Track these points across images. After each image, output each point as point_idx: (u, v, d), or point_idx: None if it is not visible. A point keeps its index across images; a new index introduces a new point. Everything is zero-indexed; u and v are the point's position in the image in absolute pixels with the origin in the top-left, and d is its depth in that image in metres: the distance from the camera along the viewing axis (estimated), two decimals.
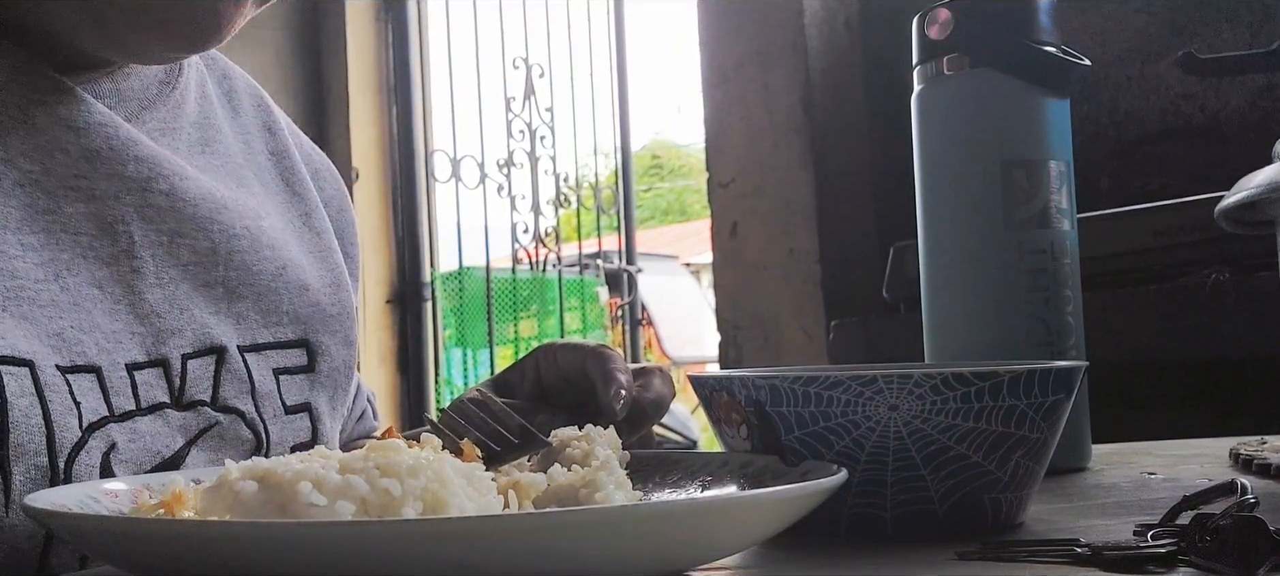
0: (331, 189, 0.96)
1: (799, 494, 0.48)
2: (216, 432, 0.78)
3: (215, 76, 0.90)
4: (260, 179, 0.88)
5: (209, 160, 0.84)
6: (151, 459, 0.74)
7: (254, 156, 0.89)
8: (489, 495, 0.49)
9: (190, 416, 0.77)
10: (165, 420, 0.75)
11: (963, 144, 0.86)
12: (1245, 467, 0.80)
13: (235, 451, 0.78)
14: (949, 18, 0.87)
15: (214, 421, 0.78)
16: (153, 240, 0.77)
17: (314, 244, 0.89)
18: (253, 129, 0.91)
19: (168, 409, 0.76)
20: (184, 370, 0.77)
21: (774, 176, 2.58)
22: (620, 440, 0.64)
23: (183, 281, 0.78)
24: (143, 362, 0.75)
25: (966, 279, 0.86)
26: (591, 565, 0.43)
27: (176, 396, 0.76)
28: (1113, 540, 0.52)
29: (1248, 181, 0.78)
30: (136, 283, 0.76)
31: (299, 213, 0.90)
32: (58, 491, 0.54)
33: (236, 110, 0.90)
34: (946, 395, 0.56)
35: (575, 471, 0.56)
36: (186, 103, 0.84)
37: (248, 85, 0.93)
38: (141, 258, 0.76)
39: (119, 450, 0.72)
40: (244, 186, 0.85)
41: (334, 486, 0.46)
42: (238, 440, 0.79)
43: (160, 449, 0.74)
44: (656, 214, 13.48)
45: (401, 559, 0.40)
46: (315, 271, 0.88)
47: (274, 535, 0.41)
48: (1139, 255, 1.63)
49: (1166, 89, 2.02)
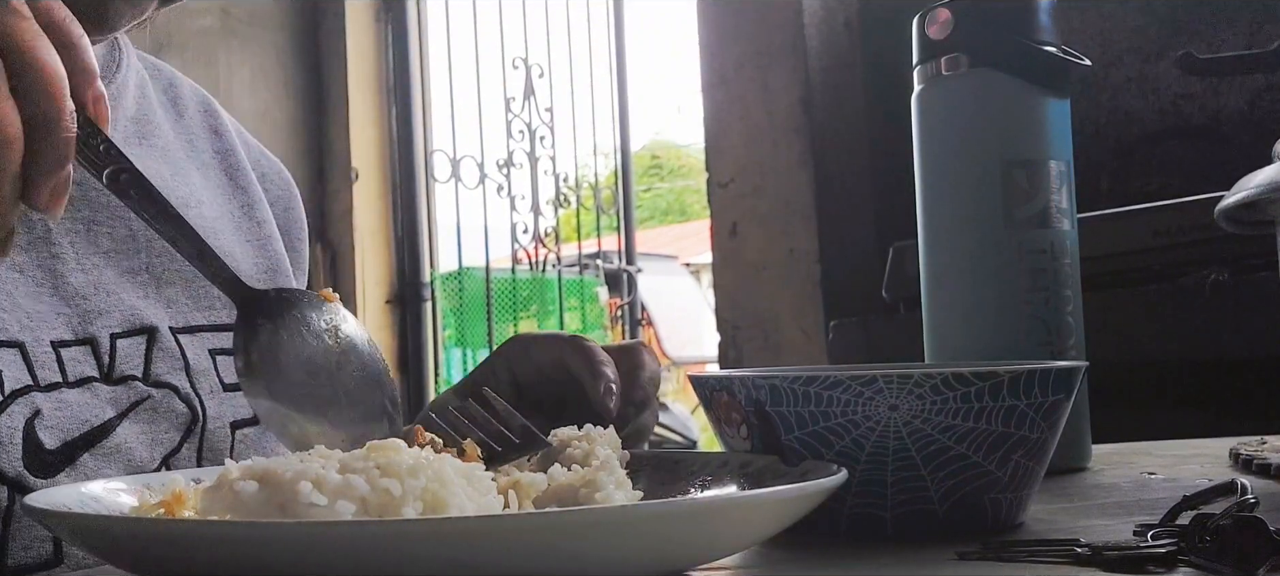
0: (278, 189, 0.99)
1: (799, 494, 0.48)
2: (149, 406, 0.78)
3: (160, 84, 0.92)
4: (203, 174, 0.90)
5: (146, 152, 0.86)
6: (80, 426, 0.74)
7: (197, 154, 0.91)
8: (489, 495, 0.49)
9: (121, 390, 0.77)
10: (94, 393, 0.76)
11: (963, 144, 0.86)
12: (1245, 467, 0.80)
13: (169, 424, 0.79)
14: (949, 18, 0.87)
15: (146, 395, 0.78)
16: (68, 227, 0.78)
17: (253, 232, 0.91)
18: (197, 130, 0.93)
19: (96, 382, 0.76)
20: (113, 348, 0.78)
21: (774, 176, 2.58)
22: (620, 436, 0.64)
23: (107, 267, 0.80)
24: (69, 341, 0.76)
25: (966, 279, 0.86)
26: (591, 565, 0.43)
27: (106, 373, 0.77)
28: (1113, 540, 0.52)
29: (1248, 181, 0.78)
30: (58, 267, 0.77)
31: (241, 204, 0.92)
32: (58, 491, 0.54)
33: (180, 113, 0.93)
34: (946, 395, 0.56)
35: (575, 471, 0.56)
36: (124, 98, 0.86)
37: (194, 92, 0.96)
38: (60, 243, 0.78)
39: (44, 417, 0.72)
40: (179, 177, 0.87)
41: (334, 486, 0.46)
42: (171, 413, 0.79)
43: (89, 418, 0.75)
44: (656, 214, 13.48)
45: (401, 558, 0.40)
46: (251, 258, 0.89)
47: (274, 535, 0.41)
48: (1139, 255, 1.63)
49: (1166, 89, 2.02)
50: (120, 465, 0.76)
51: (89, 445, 0.74)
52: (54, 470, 0.72)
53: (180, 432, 0.79)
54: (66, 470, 0.73)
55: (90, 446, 0.74)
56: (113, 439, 0.76)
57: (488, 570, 0.41)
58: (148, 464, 0.77)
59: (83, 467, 0.73)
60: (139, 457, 0.76)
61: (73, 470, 0.73)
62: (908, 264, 1.81)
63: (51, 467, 0.72)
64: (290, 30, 4.03)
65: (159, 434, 0.78)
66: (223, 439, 0.82)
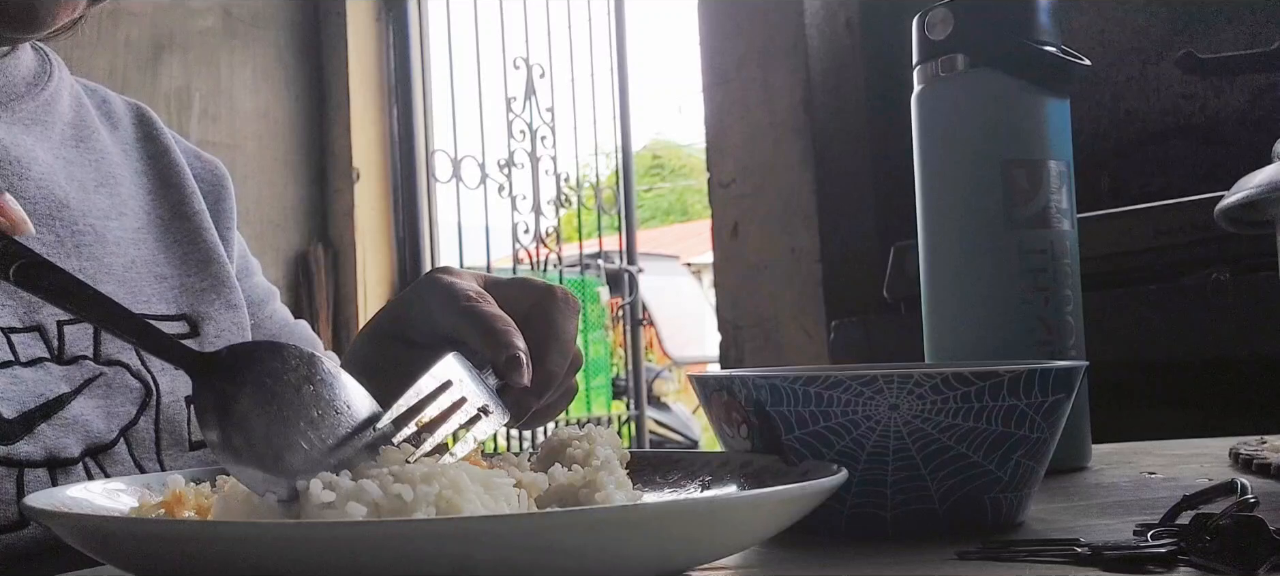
0: (209, 183, 1.01)
1: (799, 494, 0.48)
2: (103, 382, 0.81)
3: (95, 101, 0.96)
4: (135, 180, 0.93)
5: (82, 154, 0.89)
6: (35, 400, 0.76)
7: (130, 160, 0.95)
8: (506, 503, 0.49)
9: (73, 369, 0.80)
10: (47, 371, 0.78)
11: (963, 144, 0.86)
12: (1245, 467, 0.80)
13: (124, 398, 0.81)
14: (949, 18, 0.87)
15: (98, 372, 0.81)
16: None
17: (182, 229, 0.94)
18: (129, 139, 0.97)
19: (48, 362, 0.79)
20: (61, 333, 0.80)
21: (774, 176, 2.58)
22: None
23: None
24: (18, 328, 0.78)
25: (966, 279, 0.86)
26: (592, 565, 0.43)
27: (57, 354, 0.80)
28: (1113, 540, 0.52)
29: (1248, 181, 0.78)
30: None
31: (171, 204, 0.94)
32: (58, 491, 0.54)
33: (114, 125, 0.96)
34: (946, 395, 0.56)
35: (576, 471, 0.56)
36: (59, 103, 0.90)
37: (128, 105, 1.00)
38: None
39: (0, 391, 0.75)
40: (106, 186, 0.90)
41: (346, 489, 0.46)
42: (126, 388, 0.82)
43: (44, 392, 0.77)
44: (657, 214, 13.49)
45: (402, 558, 0.40)
46: (181, 255, 0.92)
47: (276, 535, 0.41)
48: (1139, 255, 1.63)
49: (1166, 89, 2.02)
50: (79, 436, 0.78)
51: (46, 416, 0.77)
52: (12, 437, 0.74)
53: (136, 406, 0.82)
54: (25, 438, 0.75)
55: (47, 417, 0.77)
56: (69, 411, 0.78)
57: (488, 569, 0.41)
58: (105, 435, 0.79)
59: (41, 437, 0.76)
60: (97, 429, 0.79)
61: (31, 438, 0.75)
62: (909, 264, 1.81)
63: (10, 436, 0.74)
64: (292, 30, 4.03)
65: (114, 407, 0.81)
66: (179, 412, 0.84)
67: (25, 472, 0.74)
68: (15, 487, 0.73)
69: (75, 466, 0.77)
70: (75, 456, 0.77)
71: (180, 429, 0.83)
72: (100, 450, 0.79)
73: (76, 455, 0.77)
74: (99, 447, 0.79)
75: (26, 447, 0.74)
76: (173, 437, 0.83)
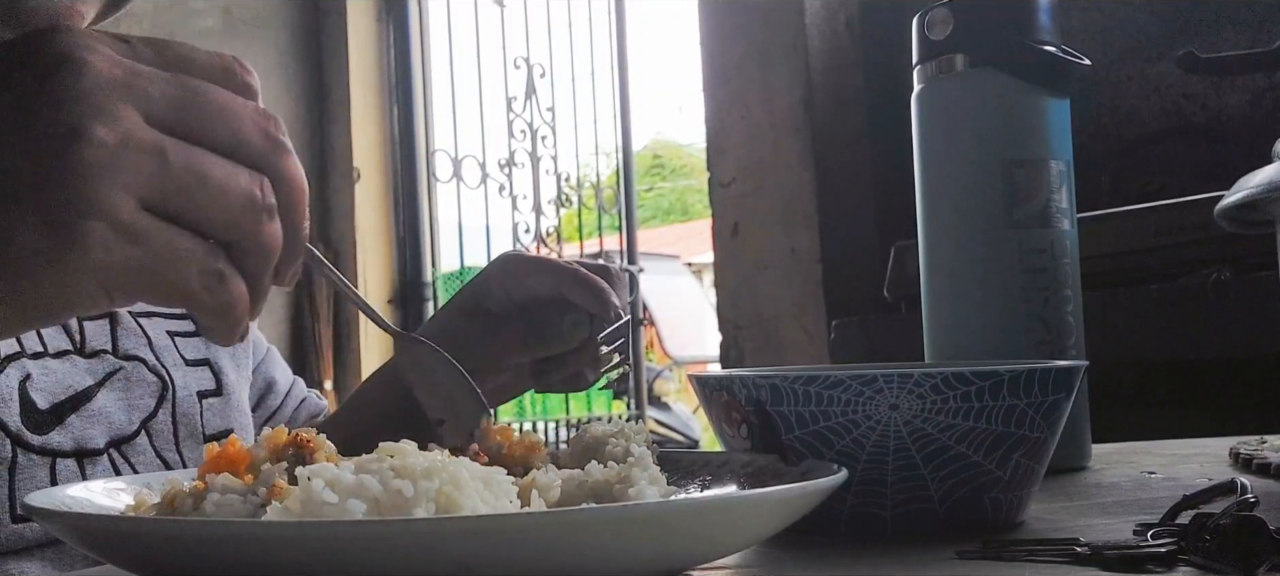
0: None
1: (799, 494, 0.48)
2: (123, 376, 0.85)
3: None
4: None
5: None
6: (65, 391, 0.80)
7: None
8: (505, 499, 0.49)
9: (95, 362, 0.83)
10: (72, 363, 0.82)
11: (963, 144, 0.86)
12: (1245, 467, 0.80)
13: (143, 391, 0.85)
14: (949, 17, 0.87)
15: (118, 366, 0.85)
16: None
17: None
18: None
19: (73, 354, 0.82)
20: (81, 327, 0.84)
21: (775, 176, 2.58)
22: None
23: None
24: None
25: (966, 279, 0.86)
26: (592, 564, 0.43)
27: (79, 347, 0.83)
28: (1113, 540, 0.52)
29: (1248, 181, 0.78)
30: None
31: None
32: (58, 490, 0.54)
33: None
34: (946, 394, 0.56)
35: (610, 468, 0.56)
36: None
37: None
38: None
39: (34, 380, 0.78)
40: None
41: (347, 485, 0.46)
42: (144, 382, 0.86)
43: (72, 384, 0.81)
44: (658, 213, 13.48)
45: (402, 558, 0.40)
46: None
47: (276, 534, 0.41)
48: (1139, 255, 1.63)
49: (1167, 88, 2.02)
50: (103, 427, 0.81)
51: (75, 408, 0.80)
52: (46, 428, 0.78)
53: (154, 399, 0.86)
54: (56, 429, 0.78)
55: (76, 409, 0.80)
56: (94, 403, 0.81)
57: (488, 569, 0.42)
58: (127, 427, 0.83)
59: (71, 427, 0.79)
60: (119, 421, 0.83)
61: (62, 429, 0.79)
62: (909, 264, 1.81)
63: (44, 426, 0.78)
64: (292, 30, 4.03)
65: (135, 400, 0.84)
66: (192, 406, 0.88)
67: (57, 463, 0.78)
68: (49, 477, 0.77)
69: (101, 457, 0.80)
70: (101, 447, 0.80)
71: (195, 421, 0.88)
72: (124, 441, 0.82)
73: (102, 446, 0.80)
74: (122, 438, 0.82)
75: (58, 438, 0.78)
76: (189, 430, 0.87)
